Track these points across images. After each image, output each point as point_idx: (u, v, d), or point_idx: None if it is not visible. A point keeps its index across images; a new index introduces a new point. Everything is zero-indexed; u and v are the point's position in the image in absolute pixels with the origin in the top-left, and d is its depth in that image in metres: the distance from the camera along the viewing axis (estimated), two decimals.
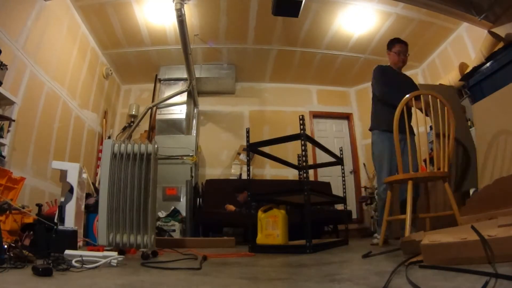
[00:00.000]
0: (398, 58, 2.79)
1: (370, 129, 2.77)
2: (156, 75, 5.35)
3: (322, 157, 5.57)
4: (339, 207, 4.30)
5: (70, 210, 2.08)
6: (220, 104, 5.74)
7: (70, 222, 2.04)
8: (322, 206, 4.35)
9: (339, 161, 3.06)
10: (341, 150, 3.20)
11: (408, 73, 5.30)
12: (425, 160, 3.87)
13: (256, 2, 3.98)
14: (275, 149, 3.38)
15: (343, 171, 3.19)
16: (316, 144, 2.61)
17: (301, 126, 2.27)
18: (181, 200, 4.30)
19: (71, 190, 2.15)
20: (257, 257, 1.91)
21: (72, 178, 2.16)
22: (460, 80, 3.46)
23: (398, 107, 2.15)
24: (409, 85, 2.80)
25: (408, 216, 1.99)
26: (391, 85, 2.65)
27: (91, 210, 2.64)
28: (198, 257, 1.84)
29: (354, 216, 5.40)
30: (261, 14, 4.11)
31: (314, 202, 3.10)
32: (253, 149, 2.59)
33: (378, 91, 2.68)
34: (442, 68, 4.65)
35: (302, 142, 2.25)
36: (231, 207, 4.04)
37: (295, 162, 3.51)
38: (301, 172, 3.30)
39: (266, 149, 5.31)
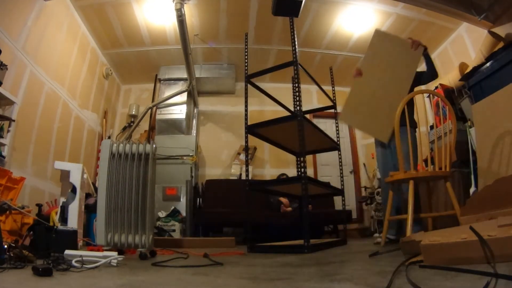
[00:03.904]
0: None
1: None
2: (156, 75, 5.35)
3: (322, 160, 5.59)
4: (339, 207, 4.30)
5: (74, 210, 2.08)
6: (220, 104, 5.74)
7: (73, 222, 2.04)
8: (321, 208, 4.36)
9: (335, 146, 3.07)
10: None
11: None
12: (426, 160, 3.87)
13: (256, 2, 3.99)
14: (275, 151, 3.38)
15: (341, 168, 3.19)
16: (312, 125, 2.61)
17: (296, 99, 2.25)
18: (181, 200, 4.30)
19: (73, 190, 2.15)
20: (257, 257, 1.91)
21: (75, 179, 2.17)
22: (460, 80, 3.46)
23: (399, 106, 2.17)
24: None
25: (409, 216, 1.99)
26: None
27: (91, 210, 2.64)
28: (193, 256, 1.84)
29: (354, 216, 5.40)
30: (261, 14, 4.11)
31: (313, 195, 3.11)
32: (251, 131, 2.61)
33: None
34: (442, 68, 4.64)
35: (298, 123, 2.25)
36: (285, 201, 4.08)
37: (295, 166, 3.51)
38: (298, 159, 3.29)
39: (266, 152, 5.29)
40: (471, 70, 3.11)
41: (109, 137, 4.98)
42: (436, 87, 3.81)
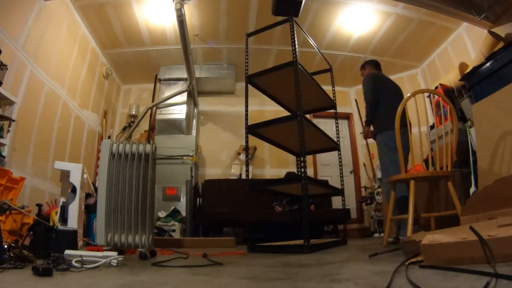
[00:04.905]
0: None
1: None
2: (156, 75, 5.35)
3: (323, 159, 5.59)
4: (338, 205, 4.31)
5: (74, 210, 2.08)
6: (220, 104, 5.74)
7: (73, 222, 2.03)
8: (321, 206, 4.36)
9: (335, 146, 3.07)
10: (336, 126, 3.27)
11: (407, 73, 5.39)
12: (426, 160, 3.87)
13: (256, 2, 3.99)
14: (275, 151, 3.38)
15: (341, 168, 3.19)
16: (312, 125, 2.60)
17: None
18: (181, 200, 4.30)
19: (73, 190, 2.15)
20: (257, 257, 1.91)
21: (75, 179, 2.16)
22: (460, 80, 3.45)
23: (400, 106, 2.18)
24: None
25: (410, 216, 1.99)
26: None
27: (91, 210, 2.64)
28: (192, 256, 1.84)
29: (354, 216, 5.40)
30: (261, 14, 4.11)
31: (313, 195, 3.10)
32: (251, 131, 2.60)
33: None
34: (442, 68, 4.65)
35: (298, 123, 2.25)
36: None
37: (295, 167, 3.51)
38: (299, 159, 3.29)
39: (266, 152, 5.31)
40: (471, 70, 3.11)
41: (109, 137, 4.98)
42: (436, 87, 3.81)
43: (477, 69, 3.02)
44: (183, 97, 4.95)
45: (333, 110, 3.31)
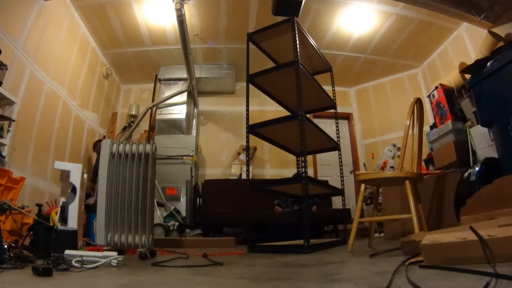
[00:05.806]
0: None
1: None
2: (156, 75, 5.35)
3: (323, 159, 5.59)
4: (337, 207, 4.31)
5: (74, 210, 2.08)
6: (220, 104, 5.74)
7: (73, 222, 2.03)
8: (321, 206, 4.36)
9: (336, 146, 3.07)
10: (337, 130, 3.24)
11: (407, 73, 5.38)
12: (425, 160, 3.88)
13: (256, 2, 3.99)
14: (275, 151, 3.38)
15: (341, 168, 3.18)
16: (313, 124, 2.59)
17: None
18: (181, 200, 4.30)
19: (73, 190, 2.15)
20: (257, 257, 1.91)
21: (75, 179, 2.16)
22: (461, 72, 3.42)
23: None
24: None
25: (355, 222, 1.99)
26: None
27: (91, 210, 2.64)
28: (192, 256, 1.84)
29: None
30: (261, 14, 4.11)
31: (313, 195, 3.08)
32: (252, 131, 2.60)
33: None
34: (442, 68, 4.65)
35: (300, 123, 2.24)
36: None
37: (295, 167, 3.51)
38: (299, 159, 3.29)
39: (266, 152, 5.29)
40: (474, 63, 3.06)
41: (104, 137, 4.97)
42: (436, 87, 3.81)
43: (480, 63, 2.97)
44: (183, 97, 4.95)
45: (333, 110, 3.31)
